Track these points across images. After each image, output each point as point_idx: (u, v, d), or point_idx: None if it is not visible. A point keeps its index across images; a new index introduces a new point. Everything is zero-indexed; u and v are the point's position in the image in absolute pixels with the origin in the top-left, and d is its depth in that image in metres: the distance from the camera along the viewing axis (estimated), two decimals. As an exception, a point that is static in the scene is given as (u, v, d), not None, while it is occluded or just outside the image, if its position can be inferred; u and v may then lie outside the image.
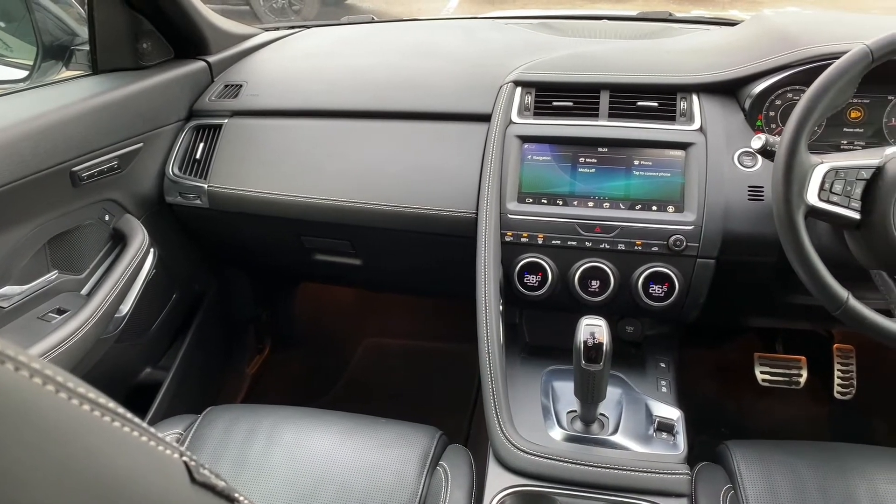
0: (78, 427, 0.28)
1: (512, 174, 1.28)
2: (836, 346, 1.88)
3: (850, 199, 1.00)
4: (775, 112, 1.32)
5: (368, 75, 1.55)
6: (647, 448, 1.09)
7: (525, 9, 3.80)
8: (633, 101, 1.31)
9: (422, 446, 1.12)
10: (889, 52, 0.97)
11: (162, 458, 0.33)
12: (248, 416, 1.19)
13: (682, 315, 1.30)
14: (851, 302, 0.98)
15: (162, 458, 0.32)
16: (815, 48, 1.23)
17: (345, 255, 1.53)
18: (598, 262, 1.24)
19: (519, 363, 1.31)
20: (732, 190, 1.22)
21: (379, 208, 1.36)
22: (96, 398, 0.29)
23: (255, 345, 2.06)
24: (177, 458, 0.34)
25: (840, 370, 1.86)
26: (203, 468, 0.36)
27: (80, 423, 0.28)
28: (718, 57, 1.36)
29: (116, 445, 0.29)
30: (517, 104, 1.35)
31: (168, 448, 0.33)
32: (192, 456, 0.35)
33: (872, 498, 1.02)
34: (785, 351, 1.94)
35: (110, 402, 0.30)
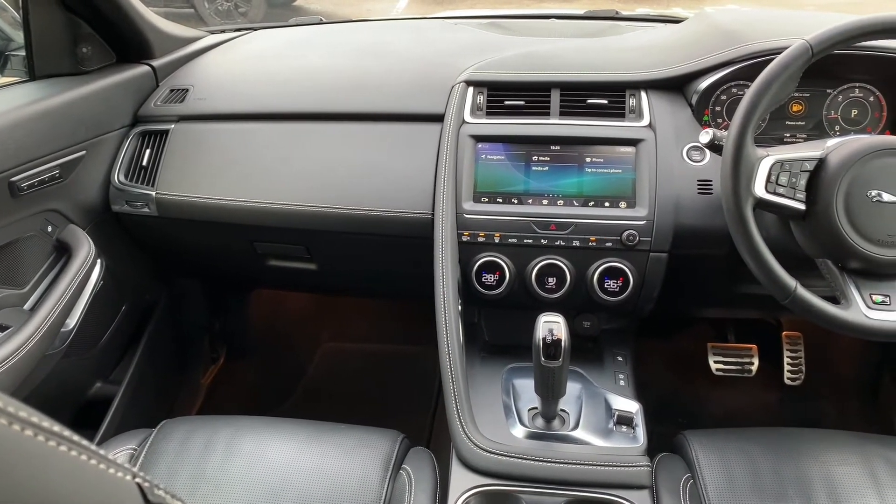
0: (21, 455, 0.26)
1: (467, 174, 1.28)
2: (785, 334, 1.94)
3: (796, 191, 1.02)
4: (721, 107, 1.35)
5: (318, 77, 1.53)
6: (608, 442, 1.10)
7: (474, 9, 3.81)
8: (583, 98, 1.33)
9: (384, 450, 1.11)
10: (827, 47, 1.00)
11: (113, 482, 0.31)
12: (205, 428, 1.16)
13: (637, 308, 1.32)
14: (800, 291, 1.01)
15: (113, 481, 0.31)
16: (758, 44, 1.27)
17: (299, 260, 1.51)
18: (554, 259, 1.25)
19: (479, 362, 1.31)
20: (682, 184, 1.24)
21: (333, 211, 1.35)
22: (39, 422, 0.28)
23: (210, 354, 2.02)
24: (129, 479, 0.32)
25: (789, 357, 1.92)
26: (158, 488, 0.34)
27: (22, 450, 0.26)
28: (665, 54, 1.38)
29: (63, 471, 0.28)
30: (469, 104, 1.35)
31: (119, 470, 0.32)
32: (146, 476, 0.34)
33: (824, 479, 1.05)
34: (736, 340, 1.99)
35: (55, 425, 0.29)
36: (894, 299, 1.01)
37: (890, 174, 0.99)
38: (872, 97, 1.33)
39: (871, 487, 1.03)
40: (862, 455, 1.09)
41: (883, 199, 0.99)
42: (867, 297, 1.01)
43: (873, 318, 0.99)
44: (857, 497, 1.02)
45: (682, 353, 2.05)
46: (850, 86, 1.33)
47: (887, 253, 0.99)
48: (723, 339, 2.00)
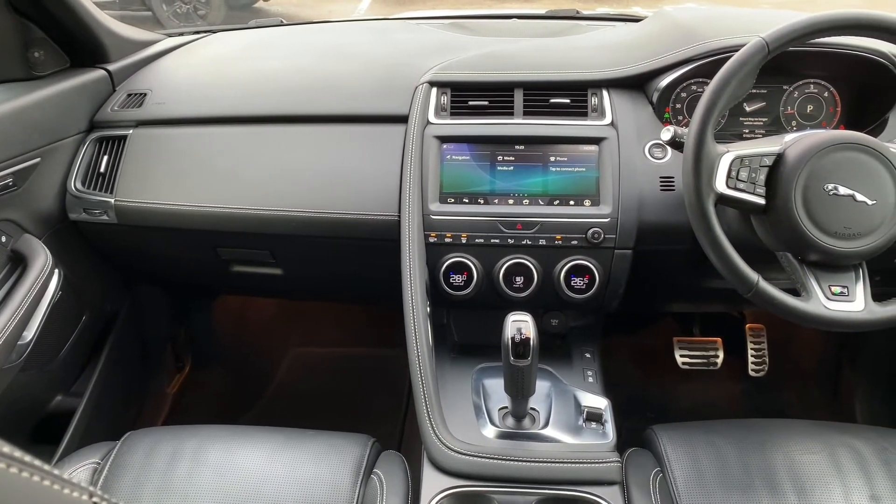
0: None
1: (432, 175, 1.28)
2: (749, 326, 1.98)
3: (756, 186, 1.04)
4: (681, 104, 1.37)
5: (280, 79, 1.51)
6: (578, 439, 1.11)
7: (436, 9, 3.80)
8: (546, 98, 1.34)
9: (354, 455, 1.10)
10: (783, 44, 1.02)
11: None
12: (171, 439, 1.13)
13: (603, 305, 1.33)
14: (762, 284, 1.03)
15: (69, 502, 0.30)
16: (716, 42, 1.29)
17: (264, 266, 1.49)
18: (521, 258, 1.25)
19: (448, 363, 1.31)
20: (645, 181, 1.26)
21: (298, 215, 1.33)
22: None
23: (175, 363, 1.98)
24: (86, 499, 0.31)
25: (753, 349, 1.96)
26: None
27: None
28: (625, 53, 1.40)
29: (15, 496, 0.27)
30: (433, 104, 1.34)
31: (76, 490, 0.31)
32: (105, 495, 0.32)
33: (789, 468, 1.07)
34: (701, 334, 2.03)
35: (4, 445, 0.27)
36: (852, 290, 1.03)
37: (845, 168, 1.02)
38: (827, 93, 1.36)
39: (835, 475, 1.05)
40: (825, 444, 1.11)
41: (839, 193, 1.01)
42: (826, 288, 1.03)
43: (832, 310, 1.02)
44: (821, 485, 1.04)
45: (649, 348, 2.08)
46: (805, 82, 1.36)
47: (844, 245, 1.01)
48: (688, 333, 2.03)
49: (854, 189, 1.01)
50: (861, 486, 1.04)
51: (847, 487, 1.04)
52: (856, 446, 1.10)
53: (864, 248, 1.01)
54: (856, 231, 1.01)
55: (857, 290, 1.03)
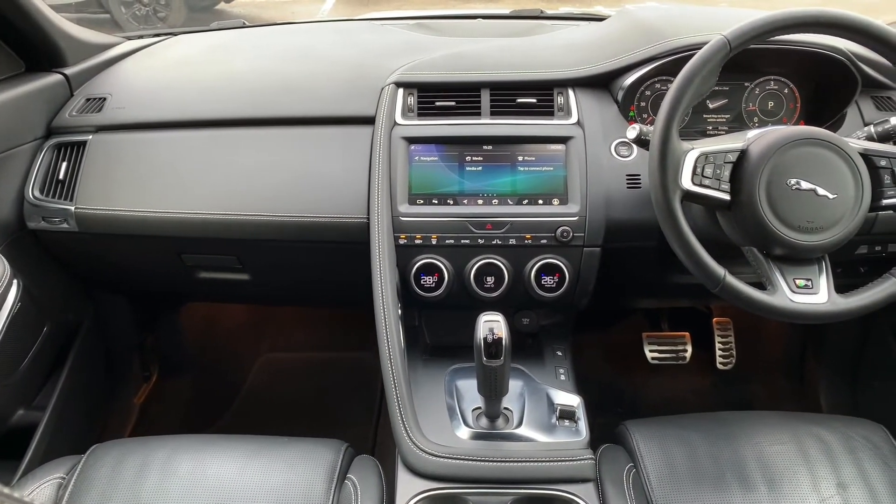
0: None
1: (401, 176, 1.27)
2: (716, 321, 2.01)
3: (720, 182, 1.06)
4: (646, 102, 1.38)
5: (244, 81, 1.49)
6: (552, 437, 1.11)
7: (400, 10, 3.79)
8: (512, 98, 1.34)
9: (328, 461, 1.09)
10: (744, 42, 1.03)
11: None
12: (139, 450, 1.11)
13: (574, 303, 1.34)
14: (728, 279, 1.04)
15: None
16: (678, 40, 1.30)
17: (231, 271, 1.47)
18: (492, 258, 1.26)
19: (421, 365, 1.30)
20: (612, 179, 1.27)
21: (264, 219, 1.31)
22: None
23: (141, 373, 1.94)
24: None
25: (720, 342, 1.99)
26: None
27: None
28: (590, 52, 1.41)
29: None
30: (400, 105, 1.34)
31: None
32: None
33: (758, 459, 1.09)
34: (670, 328, 2.05)
35: None
36: (816, 283, 1.05)
37: (806, 163, 1.04)
38: (787, 89, 1.39)
39: (803, 465, 1.07)
40: (792, 434, 1.13)
41: (801, 187, 1.03)
42: (791, 281, 1.05)
43: (797, 302, 1.03)
44: (789, 475, 1.06)
45: (619, 345, 2.10)
46: (765, 79, 1.38)
47: (807, 239, 1.03)
48: (657, 329, 2.06)
49: (816, 183, 1.03)
50: (828, 475, 1.06)
51: (815, 476, 1.06)
52: (822, 436, 1.13)
53: (827, 242, 1.03)
54: (818, 225, 1.03)
55: (821, 283, 1.05)
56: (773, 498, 1.03)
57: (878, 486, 1.04)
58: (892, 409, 1.59)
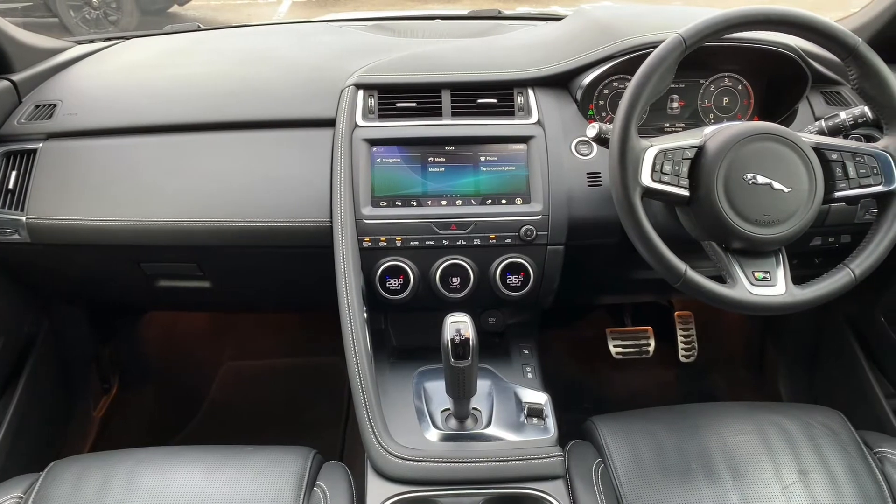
0: None
1: (363, 179, 1.27)
2: (677, 314, 2.04)
3: (679, 178, 1.07)
4: (604, 101, 1.40)
5: (200, 85, 1.46)
6: (520, 435, 1.11)
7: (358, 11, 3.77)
8: (473, 98, 1.34)
9: (296, 469, 1.08)
10: (699, 40, 1.05)
11: None
12: (100, 466, 1.08)
13: (539, 301, 1.35)
14: (689, 273, 1.06)
15: None
16: (635, 39, 1.32)
17: (192, 279, 1.44)
18: (457, 258, 1.26)
19: (388, 368, 1.30)
20: (573, 178, 1.28)
21: (224, 225, 1.29)
22: None
23: (101, 385, 1.90)
24: None
25: (682, 336, 2.02)
26: None
27: None
28: (548, 51, 1.42)
29: None
30: (361, 107, 1.33)
31: None
32: None
33: (723, 450, 1.11)
34: (633, 323, 2.08)
35: None
36: (774, 275, 1.08)
37: (762, 157, 1.06)
38: (741, 86, 1.42)
39: (766, 454, 1.10)
40: (755, 424, 1.16)
41: (758, 182, 1.05)
42: (750, 274, 1.08)
43: (757, 294, 1.06)
44: (753, 464, 1.08)
45: (584, 341, 2.12)
46: (720, 76, 1.41)
47: (765, 232, 1.06)
48: (620, 324, 2.08)
49: (771, 178, 1.05)
50: (790, 462, 1.09)
51: (777, 465, 1.08)
52: (783, 424, 1.15)
53: (783, 234, 1.06)
54: (774, 218, 1.06)
55: (779, 275, 1.08)
56: (738, 487, 1.05)
57: (838, 471, 1.07)
58: (848, 395, 1.63)
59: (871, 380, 1.55)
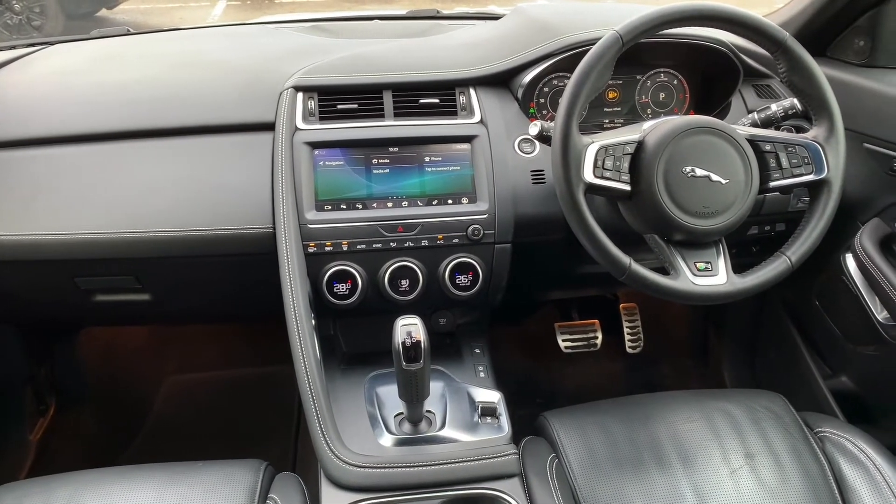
0: None
1: (306, 183, 1.24)
2: (622, 306, 2.08)
3: (621, 173, 1.09)
4: (545, 99, 1.41)
5: (130, 92, 1.40)
6: (475, 435, 1.11)
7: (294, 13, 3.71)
8: (415, 98, 1.33)
9: (247, 483, 1.05)
10: (636, 36, 1.07)
11: None
12: (39, 492, 1.03)
13: (488, 300, 1.35)
14: (634, 266, 1.08)
15: None
16: (573, 36, 1.34)
17: (130, 292, 1.38)
18: (405, 260, 1.25)
19: (339, 375, 1.28)
20: (517, 176, 1.29)
21: (162, 235, 1.25)
22: None
23: (36, 406, 1.81)
24: None
25: (628, 327, 2.06)
26: None
27: None
28: (488, 50, 1.42)
29: None
30: (300, 110, 1.30)
31: None
32: None
33: (672, 438, 1.14)
34: (580, 317, 2.11)
35: None
36: (715, 265, 1.10)
37: (699, 150, 1.09)
38: (676, 80, 1.45)
39: (713, 440, 1.13)
40: (702, 411, 1.18)
41: (696, 174, 1.08)
42: (692, 265, 1.10)
43: (699, 284, 1.08)
44: (702, 450, 1.11)
45: (533, 337, 2.14)
46: (656, 71, 1.44)
47: (704, 223, 1.08)
48: (568, 318, 2.11)
49: (709, 170, 1.08)
50: (737, 447, 1.12)
51: (725, 450, 1.11)
52: (729, 410, 1.18)
53: (722, 225, 1.09)
54: (713, 209, 1.08)
55: (719, 265, 1.10)
56: (688, 473, 1.08)
57: (782, 453, 1.11)
58: (788, 378, 1.69)
59: (808, 362, 1.60)
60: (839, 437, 1.14)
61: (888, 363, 1.38)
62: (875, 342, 1.40)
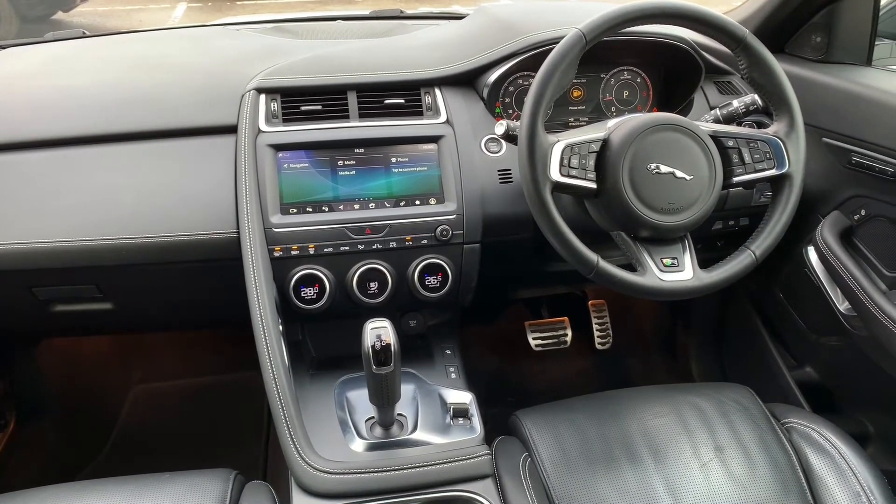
0: None
1: (270, 186, 1.22)
2: (591, 303, 2.09)
3: (587, 171, 1.09)
4: (510, 98, 1.41)
5: (88, 96, 1.37)
6: (447, 437, 1.11)
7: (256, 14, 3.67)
8: (380, 99, 1.32)
9: (216, 493, 1.03)
10: (599, 34, 1.07)
11: None
12: None
13: (458, 300, 1.35)
14: (601, 264, 1.08)
15: None
16: (536, 35, 1.34)
17: (91, 301, 1.35)
18: (374, 263, 1.23)
19: (308, 380, 1.26)
20: (484, 175, 1.28)
21: (123, 243, 1.21)
22: None
23: (-4, 421, 1.76)
24: None
25: (597, 324, 2.07)
26: None
27: None
28: (452, 50, 1.42)
29: None
30: (263, 112, 1.28)
31: None
32: None
33: (643, 433, 1.14)
34: (550, 315, 2.11)
35: None
36: (681, 261, 1.11)
37: (663, 147, 1.09)
38: (639, 78, 1.46)
39: (683, 434, 1.14)
40: (671, 405, 1.19)
41: (661, 171, 1.08)
42: (658, 261, 1.11)
43: (666, 280, 1.09)
44: (672, 445, 1.12)
45: (504, 336, 2.14)
46: (619, 69, 1.45)
47: (670, 219, 1.09)
48: (537, 316, 2.12)
49: (673, 166, 1.09)
50: (706, 440, 1.13)
51: (695, 443, 1.12)
52: (697, 403, 1.20)
53: (687, 221, 1.10)
54: (678, 206, 1.09)
55: (685, 260, 1.11)
56: (660, 468, 1.09)
57: (750, 445, 1.12)
58: (755, 370, 1.72)
59: (774, 354, 1.63)
60: (805, 428, 1.16)
61: (850, 353, 1.41)
62: (837, 333, 1.43)
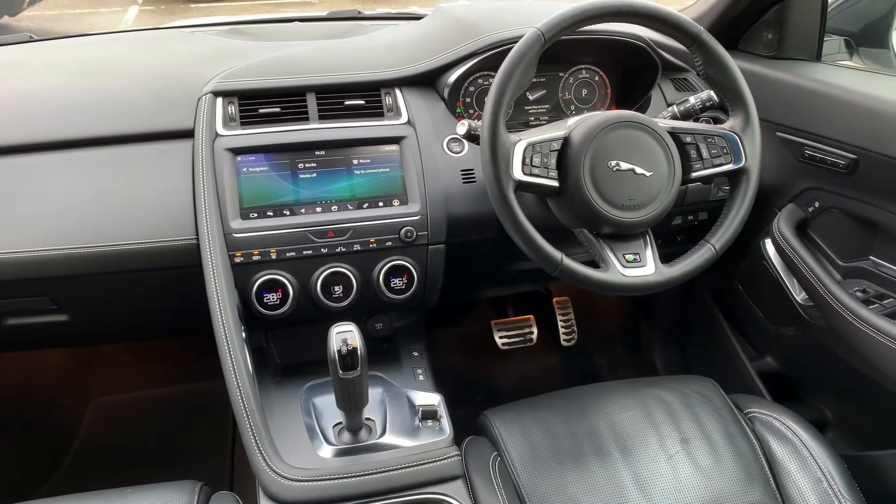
0: None
1: (229, 190, 1.20)
2: (555, 300, 2.11)
3: (549, 170, 1.10)
4: (471, 98, 1.41)
5: (35, 101, 1.32)
6: (416, 440, 1.10)
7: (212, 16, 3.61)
8: (340, 100, 1.31)
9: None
10: (557, 33, 1.08)
11: None
12: None
13: (424, 301, 1.34)
14: (565, 261, 1.09)
15: None
16: (495, 35, 1.34)
17: (45, 314, 1.30)
18: (338, 266, 1.22)
19: (273, 387, 1.24)
20: (447, 176, 1.28)
21: (77, 252, 1.18)
22: None
23: (-53, 440, 1.69)
24: None
25: (562, 321, 2.09)
26: None
27: None
28: (412, 51, 1.41)
29: None
30: (221, 115, 1.26)
31: None
32: None
33: (611, 428, 1.16)
34: (515, 313, 2.13)
35: None
36: (643, 256, 1.13)
37: (623, 144, 1.11)
38: (598, 77, 1.48)
39: (650, 427, 1.15)
40: (637, 399, 1.21)
41: (621, 168, 1.10)
42: (621, 257, 1.12)
43: (629, 276, 1.10)
44: (639, 438, 1.13)
45: (470, 335, 2.14)
46: (577, 68, 1.46)
47: (631, 215, 1.10)
48: (503, 315, 2.12)
49: (633, 163, 1.10)
50: (672, 433, 1.14)
51: (661, 436, 1.14)
52: (663, 397, 1.21)
53: (648, 217, 1.11)
54: (639, 202, 1.10)
55: (647, 256, 1.13)
56: (628, 462, 1.10)
57: (715, 436, 1.14)
58: (717, 362, 1.75)
59: (735, 346, 1.66)
60: (767, 417, 1.18)
61: (808, 342, 1.45)
62: (795, 323, 1.46)
